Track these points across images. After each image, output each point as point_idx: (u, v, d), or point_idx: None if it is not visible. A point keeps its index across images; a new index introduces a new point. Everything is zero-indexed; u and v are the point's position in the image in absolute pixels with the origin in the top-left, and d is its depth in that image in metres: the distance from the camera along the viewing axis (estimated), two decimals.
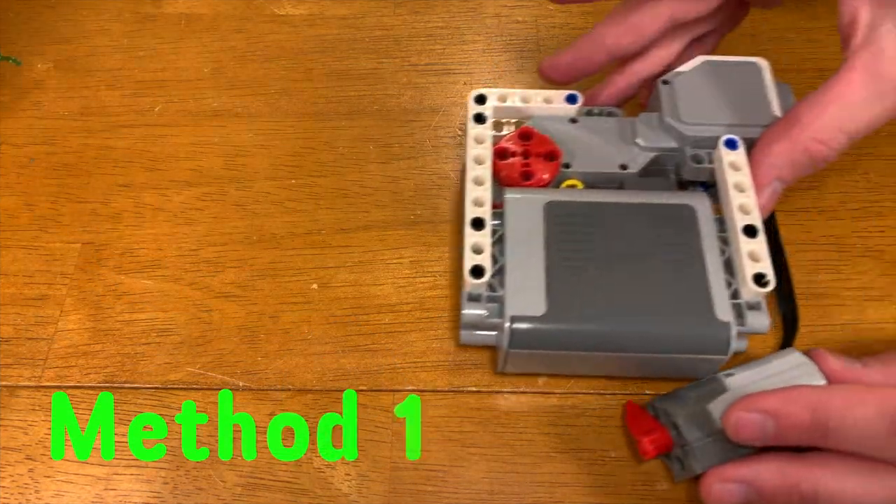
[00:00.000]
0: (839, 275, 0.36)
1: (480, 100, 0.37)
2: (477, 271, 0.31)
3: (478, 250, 0.32)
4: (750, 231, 0.32)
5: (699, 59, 0.37)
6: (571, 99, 0.37)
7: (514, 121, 0.38)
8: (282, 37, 0.44)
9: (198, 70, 0.43)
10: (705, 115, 0.35)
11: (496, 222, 0.33)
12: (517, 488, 0.31)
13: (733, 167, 0.34)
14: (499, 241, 0.33)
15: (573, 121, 0.36)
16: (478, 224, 0.32)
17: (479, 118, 0.36)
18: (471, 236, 0.32)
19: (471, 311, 0.31)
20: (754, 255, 0.32)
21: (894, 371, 0.30)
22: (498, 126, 0.38)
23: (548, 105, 0.37)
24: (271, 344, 0.35)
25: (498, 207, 0.34)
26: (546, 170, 0.34)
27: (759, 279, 0.31)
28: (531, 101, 0.37)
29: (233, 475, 0.32)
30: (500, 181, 0.35)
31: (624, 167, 0.35)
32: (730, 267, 0.32)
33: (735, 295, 0.31)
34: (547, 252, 0.32)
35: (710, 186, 0.35)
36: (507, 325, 0.30)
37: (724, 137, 0.34)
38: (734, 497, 0.29)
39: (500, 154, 0.35)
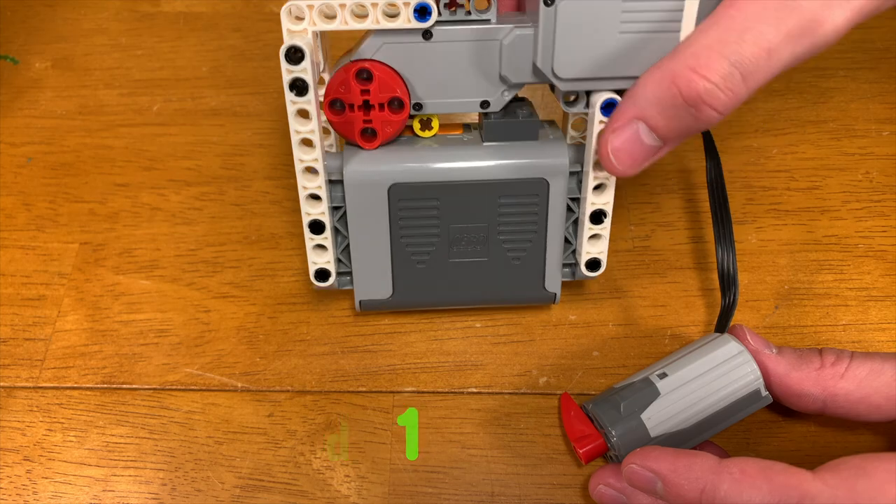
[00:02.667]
0: (842, 275, 0.36)
1: (294, 56, 0.27)
2: (321, 274, 0.32)
3: (320, 248, 0.32)
4: (596, 218, 0.32)
5: None
6: (423, 13, 0.28)
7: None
8: (280, 35, 0.44)
9: (196, 69, 0.43)
10: (589, 64, 0.27)
11: (337, 195, 0.31)
12: (517, 490, 0.31)
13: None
14: (342, 217, 0.31)
15: (427, 35, 0.28)
16: (316, 228, 0.31)
17: (299, 87, 0.27)
18: (311, 240, 0.31)
19: (322, 285, 0.33)
20: (594, 239, 0.32)
21: (804, 368, 0.29)
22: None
23: (391, 20, 0.28)
24: (270, 345, 0.35)
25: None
26: (392, 125, 0.30)
27: (591, 264, 0.33)
28: (368, 17, 0.28)
29: (231, 476, 0.32)
30: (337, 133, 0.31)
31: (485, 104, 0.30)
32: (576, 225, 0.32)
33: (575, 250, 0.33)
34: (392, 236, 0.32)
35: None
36: (357, 302, 0.33)
37: (603, 99, 0.28)
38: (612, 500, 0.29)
39: (334, 104, 0.29)
